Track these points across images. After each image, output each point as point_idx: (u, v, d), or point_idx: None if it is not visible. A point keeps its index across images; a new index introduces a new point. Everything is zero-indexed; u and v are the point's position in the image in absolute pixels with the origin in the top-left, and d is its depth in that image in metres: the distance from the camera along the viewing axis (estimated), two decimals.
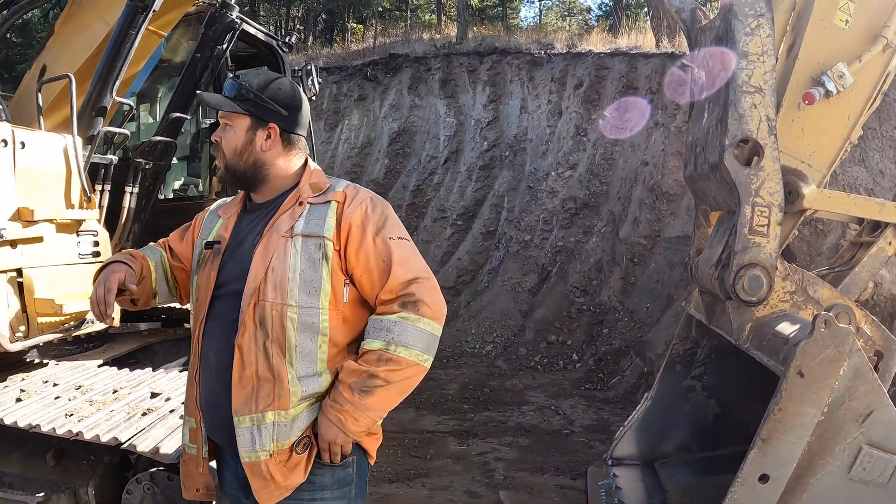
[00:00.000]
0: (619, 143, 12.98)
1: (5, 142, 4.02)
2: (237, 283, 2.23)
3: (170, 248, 2.64)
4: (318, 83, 7.33)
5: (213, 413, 2.29)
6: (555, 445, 6.53)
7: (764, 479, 3.36)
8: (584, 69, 14.46)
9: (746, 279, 3.82)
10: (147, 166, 5.24)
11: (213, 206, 2.63)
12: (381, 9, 31.94)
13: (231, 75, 6.21)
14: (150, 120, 6.55)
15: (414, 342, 2.18)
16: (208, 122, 6.80)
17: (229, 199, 2.62)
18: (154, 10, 4.49)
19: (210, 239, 2.41)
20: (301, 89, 7.23)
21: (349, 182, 2.44)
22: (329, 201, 2.30)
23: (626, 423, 5.58)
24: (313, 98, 7.43)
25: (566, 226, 12.51)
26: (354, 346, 2.26)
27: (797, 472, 3.41)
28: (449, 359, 10.28)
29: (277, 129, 2.37)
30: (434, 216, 14.86)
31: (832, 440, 3.46)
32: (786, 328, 3.67)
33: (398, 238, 2.28)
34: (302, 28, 31.23)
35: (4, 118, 4.29)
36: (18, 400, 3.90)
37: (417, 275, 2.23)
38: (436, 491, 5.58)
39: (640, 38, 15.61)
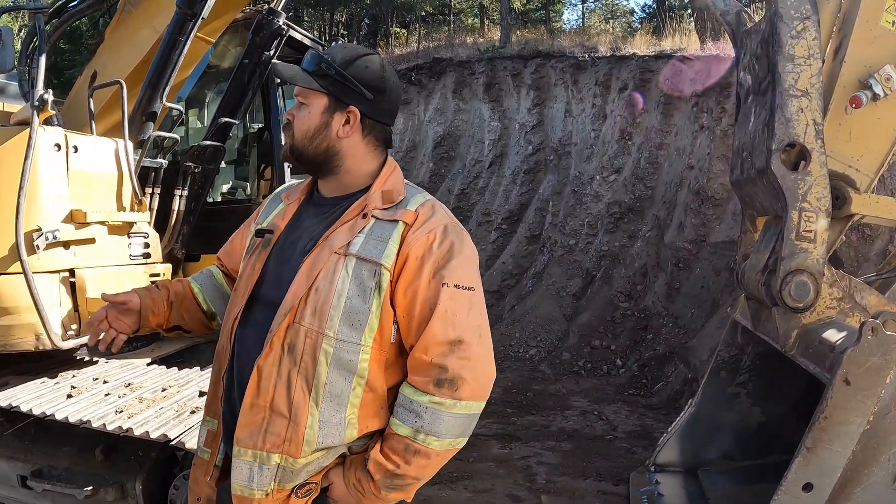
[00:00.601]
0: (664, 146, 12.86)
1: (59, 146, 4.15)
2: (275, 291, 1.94)
3: (221, 264, 2.41)
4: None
5: (233, 422, 1.95)
6: (597, 451, 6.49)
7: (808, 487, 3.32)
8: (628, 72, 14.35)
9: (793, 285, 3.77)
10: (196, 170, 5.34)
11: (281, 188, 2.32)
12: (423, 13, 32.09)
13: (278, 81, 6.32)
14: (199, 125, 6.66)
15: (447, 431, 1.88)
16: (256, 126, 6.90)
17: (291, 184, 2.29)
18: (202, 18, 4.57)
19: (263, 226, 2.12)
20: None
21: (429, 197, 2.07)
22: (396, 220, 1.93)
23: (669, 429, 5.53)
24: None
25: (611, 230, 12.42)
26: (394, 393, 1.94)
27: (841, 481, 3.37)
28: None
29: (358, 114, 2.01)
30: (479, 220, 14.88)
31: (877, 449, 3.40)
32: (832, 335, 3.62)
33: (456, 286, 1.90)
34: (346, 33, 31.52)
35: (57, 123, 4.39)
36: (69, 396, 3.98)
37: (461, 336, 1.87)
38: (478, 494, 5.59)
39: (685, 40, 15.44)
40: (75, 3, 5.24)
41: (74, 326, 4.07)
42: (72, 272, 4.10)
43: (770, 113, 3.91)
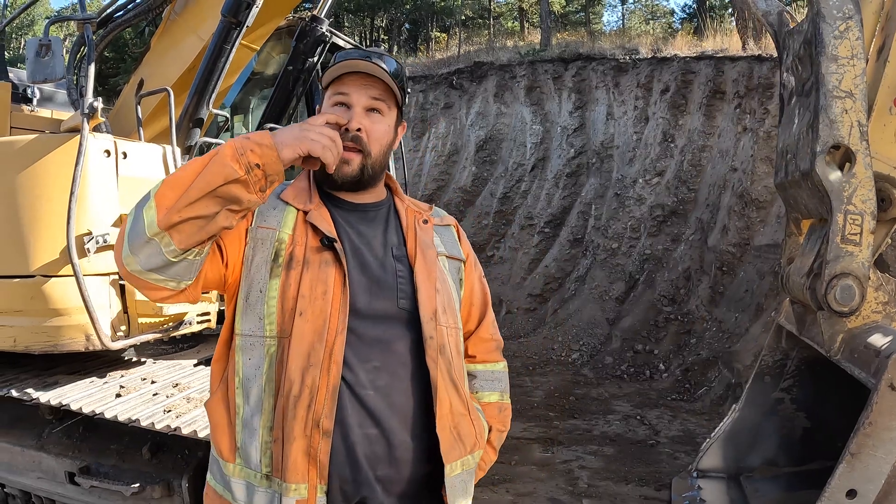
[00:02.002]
0: (706, 148, 12.77)
1: (108, 152, 4.23)
2: (379, 300, 1.81)
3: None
4: (407, 93, 7.44)
5: (374, 466, 1.75)
6: (639, 455, 6.46)
7: (851, 494, 3.26)
8: (669, 74, 14.28)
9: (838, 289, 3.72)
10: None
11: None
12: (463, 17, 32.18)
13: (322, 86, 6.38)
14: (244, 130, 6.69)
15: (509, 385, 2.22)
16: None
17: (285, 183, 1.95)
18: (247, 26, 4.60)
19: (298, 234, 1.83)
20: None
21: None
22: (449, 224, 2.11)
23: (712, 434, 5.47)
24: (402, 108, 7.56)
25: (654, 233, 12.36)
26: None
27: (885, 488, 3.30)
28: (535, 366, 10.28)
29: (404, 130, 2.05)
30: (521, 224, 14.89)
31: None
32: (878, 340, 3.55)
33: (483, 277, 2.20)
34: (386, 38, 31.72)
35: (106, 130, 4.47)
36: (118, 395, 4.05)
37: (494, 317, 2.23)
38: (520, 497, 5.59)
39: (726, 40, 15.30)
40: (121, 13, 5.35)
41: (123, 327, 4.15)
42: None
43: (814, 114, 3.86)
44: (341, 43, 6.47)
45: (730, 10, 23.07)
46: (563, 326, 11.62)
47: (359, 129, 1.84)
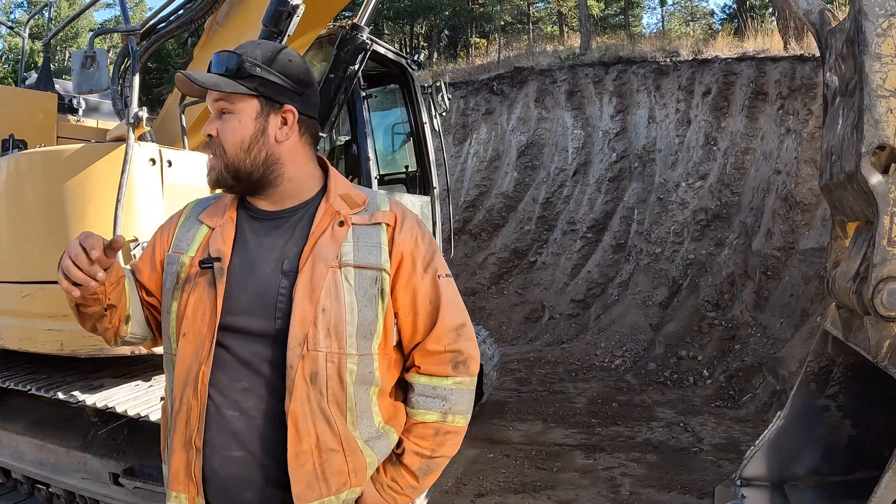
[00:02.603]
0: (750, 151, 12.62)
1: (153, 161, 4.31)
2: (256, 320, 1.76)
3: (135, 278, 1.98)
4: (449, 99, 7.45)
5: (240, 489, 1.75)
6: (682, 463, 6.39)
7: None
8: (711, 76, 14.15)
9: (885, 293, 3.63)
10: None
11: (187, 209, 2.01)
12: (502, 23, 32.22)
13: (363, 94, 6.43)
14: None
15: (467, 408, 1.92)
16: (343, 139, 6.98)
17: (206, 199, 2.01)
18: (288, 35, 4.61)
19: (198, 255, 1.84)
20: (431, 105, 7.31)
21: (386, 194, 2.03)
22: (378, 223, 1.85)
23: (756, 442, 5.38)
24: (444, 114, 7.57)
25: (697, 238, 12.24)
26: (392, 391, 1.92)
27: None
28: (578, 372, 10.24)
29: (296, 114, 1.85)
30: (564, 229, 14.86)
31: None
32: None
33: (445, 276, 1.91)
34: (426, 45, 31.86)
35: (151, 139, 4.54)
36: (162, 399, 4.10)
37: (464, 321, 1.91)
38: None
39: (767, 40, 15.11)
40: (163, 24, 5.42)
41: None
42: None
43: (858, 115, 3.78)
44: (382, 51, 6.50)
45: (770, 9, 22.75)
46: (606, 332, 11.56)
47: (210, 136, 1.82)
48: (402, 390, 1.94)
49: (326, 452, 1.71)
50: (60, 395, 4.22)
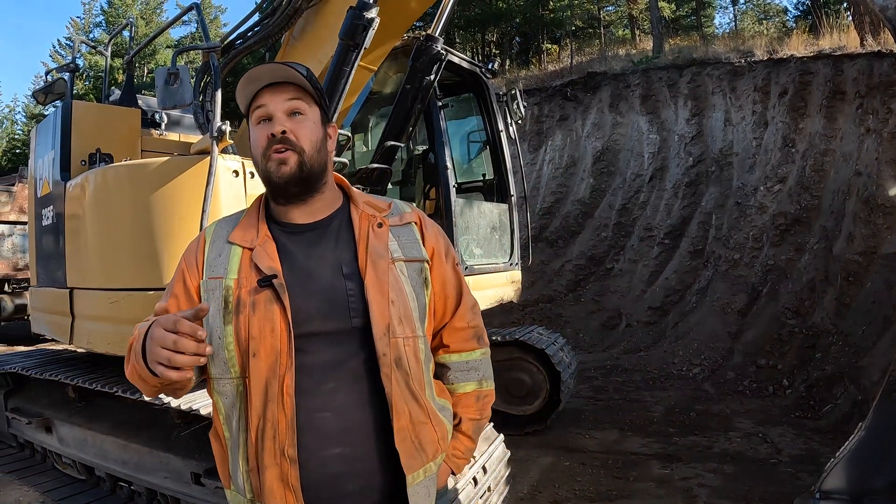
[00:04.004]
0: (829, 152, 12.34)
1: (236, 173, 4.49)
2: (331, 322, 1.86)
3: None
4: (524, 106, 7.55)
5: (341, 484, 1.84)
6: (760, 475, 6.34)
7: None
8: (787, 76, 13.91)
9: None
10: (365, 192, 5.67)
11: (208, 234, 2.02)
12: (573, 28, 32.02)
13: (439, 103, 6.54)
14: (365, 149, 6.92)
15: (492, 372, 2.24)
16: (420, 148, 7.10)
17: (224, 221, 2.06)
18: (364, 48, 4.71)
19: (243, 276, 1.88)
20: (506, 113, 7.39)
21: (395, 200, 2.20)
22: (409, 223, 2.08)
23: (836, 454, 5.38)
24: (519, 121, 7.69)
25: (776, 243, 12.03)
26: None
27: None
28: (655, 380, 10.18)
29: (336, 131, 2.06)
30: (641, 235, 14.80)
31: None
32: None
33: (458, 263, 2.19)
34: (497, 52, 31.88)
35: (232, 152, 4.72)
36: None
37: (475, 301, 2.22)
38: None
39: (843, 37, 14.75)
40: (241, 40, 5.58)
41: None
42: None
43: None
44: (456, 60, 6.59)
45: (845, 3, 22.11)
46: (684, 340, 11.46)
47: (283, 132, 1.87)
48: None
49: (419, 426, 1.91)
50: (145, 398, 4.35)
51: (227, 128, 4.37)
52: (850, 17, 16.61)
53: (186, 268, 1.96)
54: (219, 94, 4.60)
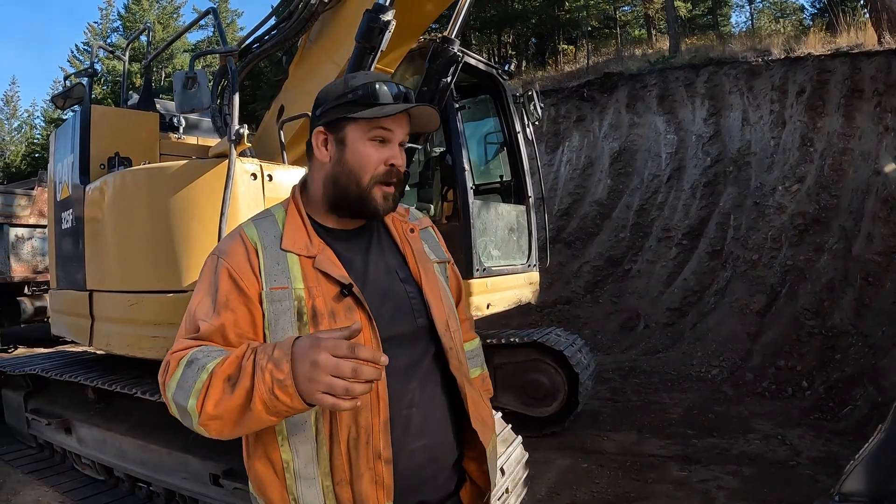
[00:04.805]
0: (847, 151, 12.24)
1: (255, 175, 4.53)
2: (402, 325, 1.91)
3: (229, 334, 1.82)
4: (541, 108, 7.54)
5: (423, 472, 1.90)
6: (779, 477, 6.30)
7: None
8: (804, 74, 13.83)
9: None
10: None
11: (253, 240, 1.89)
12: (589, 28, 31.97)
13: (456, 105, 6.55)
14: None
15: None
16: (437, 150, 7.13)
17: (259, 225, 1.95)
18: (381, 50, 4.73)
19: (312, 285, 1.83)
20: (523, 114, 7.37)
21: None
22: (427, 227, 2.24)
23: (856, 456, 5.35)
24: (536, 123, 7.68)
25: (795, 243, 11.94)
26: None
27: None
28: (673, 382, 10.12)
29: None
30: (659, 236, 14.74)
31: None
32: None
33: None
34: (514, 53, 31.86)
35: (251, 155, 4.76)
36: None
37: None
38: None
39: (861, 35, 14.65)
40: (258, 44, 5.67)
41: None
42: None
43: None
44: (473, 62, 6.59)
45: (861, 1, 21.96)
46: (703, 341, 11.38)
47: (394, 165, 1.91)
48: None
49: (477, 405, 2.04)
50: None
51: (245, 131, 4.40)
52: (868, 15, 16.52)
53: (240, 277, 1.82)
54: (236, 97, 4.63)
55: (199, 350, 1.71)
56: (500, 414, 5.14)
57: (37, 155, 46.29)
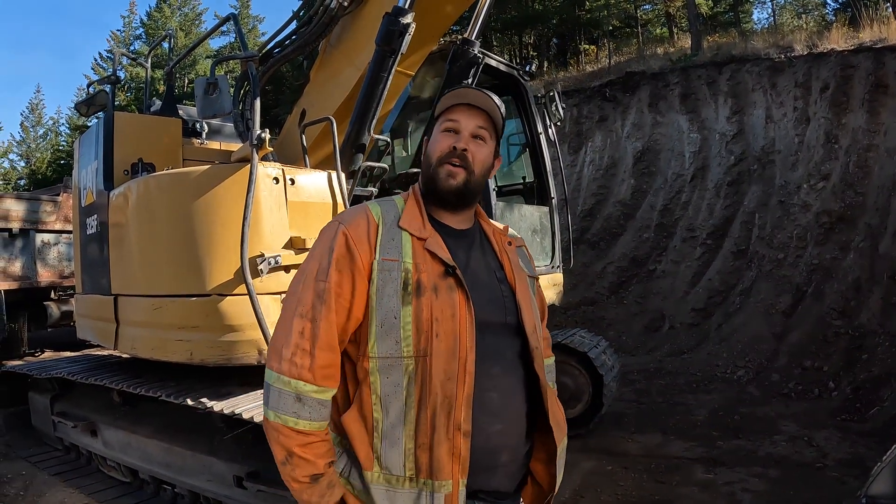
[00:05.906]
0: (872, 148, 12.12)
1: (277, 179, 4.54)
2: (495, 315, 2.04)
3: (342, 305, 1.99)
4: (563, 108, 7.51)
5: (497, 456, 2.01)
6: (806, 479, 6.22)
7: None
8: (828, 70, 13.71)
9: None
10: None
11: (376, 215, 2.07)
12: (611, 27, 31.85)
13: None
14: (404, 153, 6.92)
15: None
16: None
17: (385, 204, 2.14)
18: (401, 53, 4.75)
19: (419, 261, 1.98)
20: (545, 115, 7.33)
21: None
22: (520, 245, 2.35)
23: (883, 458, 5.29)
24: (559, 123, 7.66)
25: (821, 242, 11.83)
26: None
27: None
28: (699, 383, 10.05)
29: (499, 164, 2.28)
30: (683, 236, 14.67)
31: None
32: None
33: None
34: (535, 54, 31.77)
35: (273, 159, 4.78)
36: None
37: None
38: None
39: (885, 29, 14.47)
40: (279, 49, 5.70)
41: None
42: None
43: None
44: (494, 63, 6.55)
45: None
46: (728, 342, 11.31)
47: (465, 150, 2.08)
48: None
49: (555, 407, 2.16)
50: (189, 402, 4.46)
51: (267, 135, 4.43)
52: (891, 9, 16.33)
53: (356, 244, 1.99)
54: (258, 102, 4.66)
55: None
56: None
57: (62, 161, 46.77)
